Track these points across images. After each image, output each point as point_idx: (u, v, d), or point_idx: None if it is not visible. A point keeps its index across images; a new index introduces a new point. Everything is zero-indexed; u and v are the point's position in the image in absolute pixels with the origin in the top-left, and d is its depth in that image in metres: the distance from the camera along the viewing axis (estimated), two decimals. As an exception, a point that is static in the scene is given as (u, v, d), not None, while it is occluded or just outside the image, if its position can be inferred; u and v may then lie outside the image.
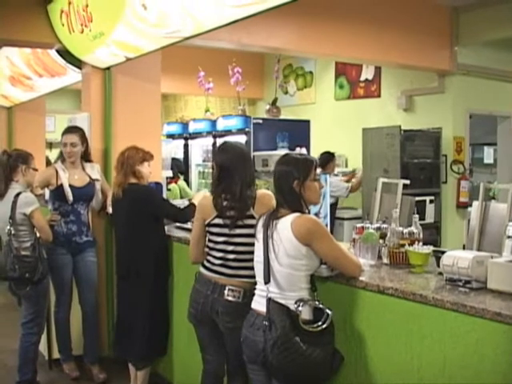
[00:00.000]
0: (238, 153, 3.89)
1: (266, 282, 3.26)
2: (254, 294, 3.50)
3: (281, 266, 3.23)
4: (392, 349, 3.13)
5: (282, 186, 3.36)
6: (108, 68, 6.11)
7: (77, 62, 6.43)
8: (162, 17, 4.47)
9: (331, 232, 7.34)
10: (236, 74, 8.31)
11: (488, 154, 12.59)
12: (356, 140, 8.71)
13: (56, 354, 5.94)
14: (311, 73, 11.18)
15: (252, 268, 3.55)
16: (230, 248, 3.81)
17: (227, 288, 3.78)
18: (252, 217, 3.73)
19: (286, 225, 3.23)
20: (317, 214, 7.41)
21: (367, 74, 9.93)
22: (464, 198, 8.56)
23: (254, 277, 3.54)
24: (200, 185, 9.08)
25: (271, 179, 3.54)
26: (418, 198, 7.96)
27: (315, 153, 8.72)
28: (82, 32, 5.59)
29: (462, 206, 8.62)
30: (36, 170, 5.24)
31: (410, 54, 7.65)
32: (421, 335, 2.96)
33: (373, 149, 8.41)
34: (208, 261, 3.93)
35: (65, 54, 6.43)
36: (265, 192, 3.89)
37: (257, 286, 3.43)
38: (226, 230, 3.82)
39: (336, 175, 9.45)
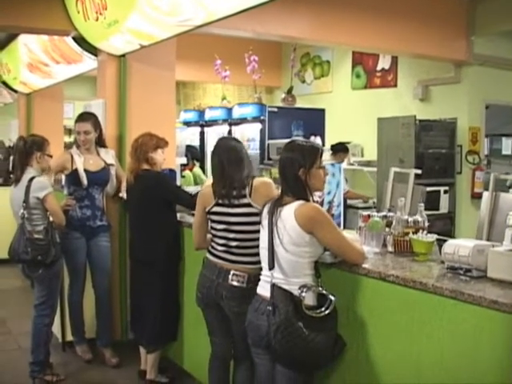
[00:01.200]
0: (232, 154, 3.95)
1: (271, 267, 3.30)
2: (259, 280, 3.55)
3: (286, 252, 3.27)
4: (392, 335, 3.18)
5: (286, 174, 3.39)
6: (123, 55, 6.15)
7: (92, 50, 6.47)
8: (174, 5, 4.52)
9: (344, 220, 7.41)
10: (252, 62, 8.33)
11: (506, 145, 12.51)
12: (372, 130, 8.71)
13: (69, 337, 6.02)
14: (328, 62, 11.18)
15: (256, 254, 3.61)
16: (232, 235, 3.88)
17: (231, 273, 3.85)
18: (249, 205, 3.80)
19: (289, 212, 3.27)
20: (330, 203, 7.51)
21: (384, 63, 9.92)
22: (479, 189, 8.53)
23: (258, 263, 3.60)
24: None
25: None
26: (432, 189, 8.00)
27: (330, 142, 8.78)
28: (97, 20, 5.64)
29: (477, 197, 8.58)
30: (51, 156, 5.30)
31: (426, 44, 7.62)
32: (420, 322, 3.00)
33: (388, 139, 8.41)
34: (213, 247, 4.01)
35: (81, 41, 6.47)
36: (262, 180, 3.94)
37: (262, 272, 3.49)
38: (225, 218, 3.90)
39: (352, 164, 9.50)
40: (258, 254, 3.58)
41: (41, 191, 5.00)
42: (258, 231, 3.58)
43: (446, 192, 8.38)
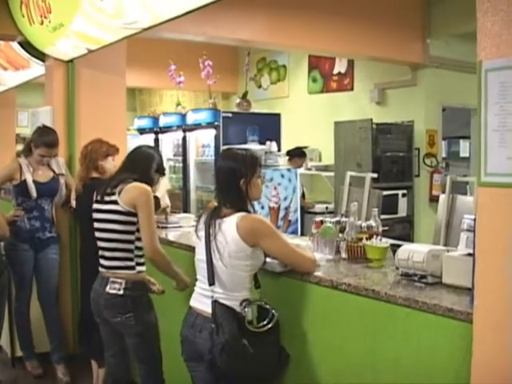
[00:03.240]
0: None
1: (211, 283, 3.16)
2: (137, 286, 3.66)
3: (225, 266, 3.12)
4: (346, 346, 3.06)
5: (227, 184, 3.23)
6: (71, 60, 5.98)
7: (40, 55, 6.28)
8: (119, 7, 4.37)
9: (301, 226, 7.34)
10: (207, 67, 8.20)
11: (464, 148, 12.57)
12: (329, 134, 8.67)
13: (19, 352, 5.85)
14: (284, 66, 11.12)
15: (129, 259, 3.70)
16: (107, 236, 3.84)
17: (110, 280, 3.76)
18: (115, 202, 3.75)
19: (230, 225, 3.11)
20: (287, 209, 7.43)
21: (340, 67, 9.87)
22: (437, 192, 8.49)
23: (133, 268, 3.71)
24: (171, 179, 8.96)
25: None
26: (390, 192, 7.97)
27: (287, 146, 8.70)
28: (42, 23, 5.47)
29: (435, 200, 8.53)
30: (-8, 165, 5.14)
31: (382, 47, 7.60)
32: (374, 332, 2.89)
33: (345, 143, 8.37)
34: None
35: (27, 46, 6.29)
36: (135, 185, 3.80)
37: (197, 284, 3.34)
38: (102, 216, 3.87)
39: (309, 169, 9.44)
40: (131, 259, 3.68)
41: (-18, 202, 4.82)
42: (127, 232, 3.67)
43: (404, 195, 8.36)
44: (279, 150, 7.82)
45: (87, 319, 5.17)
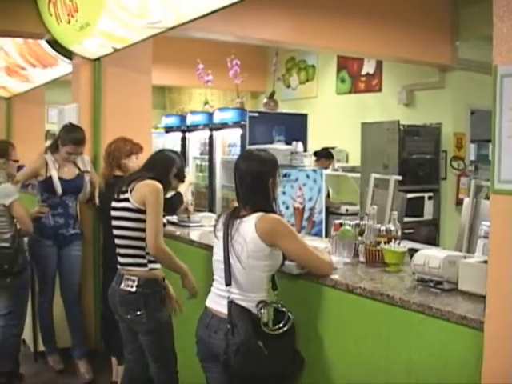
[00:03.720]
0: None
1: (228, 283, 3.16)
2: (150, 284, 3.68)
3: (243, 267, 3.13)
4: (360, 350, 3.05)
5: (255, 185, 3.23)
6: (98, 59, 6.02)
7: (67, 53, 6.35)
8: (143, 6, 4.39)
9: (326, 227, 7.29)
10: (234, 66, 8.20)
11: (493, 151, 12.45)
12: (357, 135, 8.63)
13: (42, 347, 5.90)
14: (313, 66, 11.08)
15: (141, 256, 3.72)
16: (120, 233, 3.88)
17: (125, 277, 3.79)
18: (127, 200, 3.76)
19: (249, 225, 3.12)
20: (312, 210, 7.39)
21: (369, 68, 9.82)
22: (463, 195, 8.40)
23: (145, 265, 3.72)
24: (197, 178, 8.97)
25: None
26: (416, 195, 7.91)
27: (314, 147, 8.66)
28: (69, 22, 5.51)
29: (461, 204, 8.47)
30: (16, 161, 5.18)
31: (410, 48, 7.54)
32: (388, 337, 2.88)
33: (372, 144, 8.32)
34: None
35: (55, 44, 6.35)
36: (147, 182, 3.80)
37: (214, 284, 3.35)
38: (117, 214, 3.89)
39: (336, 170, 9.41)
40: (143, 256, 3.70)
41: (7, 198, 4.85)
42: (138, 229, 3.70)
43: (430, 198, 8.30)
44: (305, 151, 7.79)
45: (108, 316, 5.25)
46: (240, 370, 3.07)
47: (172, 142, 9.55)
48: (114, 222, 3.89)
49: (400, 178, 6.57)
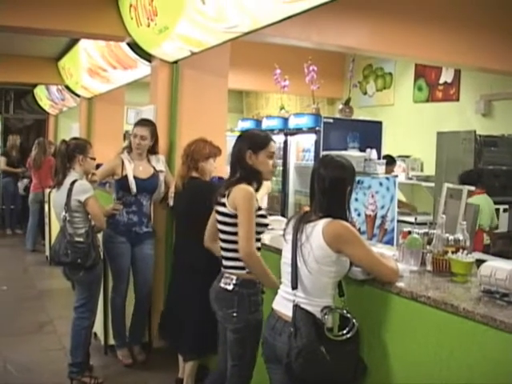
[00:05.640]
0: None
1: (294, 287, 3.19)
2: (247, 284, 3.69)
3: (310, 271, 3.16)
4: (421, 359, 3.03)
5: (333, 192, 3.25)
6: (176, 62, 6.14)
7: (146, 56, 6.50)
8: (220, 11, 4.45)
9: (397, 236, 7.21)
10: (311, 72, 8.21)
11: None
12: (432, 144, 8.55)
13: (112, 340, 6.04)
14: (390, 74, 11.03)
15: (239, 259, 3.72)
16: (222, 236, 3.93)
17: (225, 275, 3.85)
18: (224, 204, 3.80)
19: (317, 230, 3.15)
20: (383, 217, 7.35)
21: (446, 76, 9.72)
22: (543, 209, 8.25)
23: (243, 268, 3.74)
24: (271, 182, 8.99)
25: None
26: (491, 206, 7.75)
27: (388, 155, 8.60)
28: (149, 26, 5.64)
29: (538, 217, 8.32)
30: (93, 158, 5.31)
31: (490, 58, 7.41)
32: (451, 347, 2.85)
33: (448, 154, 8.23)
34: None
35: (135, 47, 6.51)
36: (239, 187, 3.77)
37: (281, 287, 3.38)
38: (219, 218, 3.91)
39: (410, 179, 9.31)
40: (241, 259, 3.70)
41: (82, 194, 5.00)
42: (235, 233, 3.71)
43: (505, 211, 8.13)
44: (379, 158, 7.74)
45: (175, 312, 5.32)
46: (301, 374, 3.09)
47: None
48: (218, 226, 3.93)
49: (473, 188, 6.46)
